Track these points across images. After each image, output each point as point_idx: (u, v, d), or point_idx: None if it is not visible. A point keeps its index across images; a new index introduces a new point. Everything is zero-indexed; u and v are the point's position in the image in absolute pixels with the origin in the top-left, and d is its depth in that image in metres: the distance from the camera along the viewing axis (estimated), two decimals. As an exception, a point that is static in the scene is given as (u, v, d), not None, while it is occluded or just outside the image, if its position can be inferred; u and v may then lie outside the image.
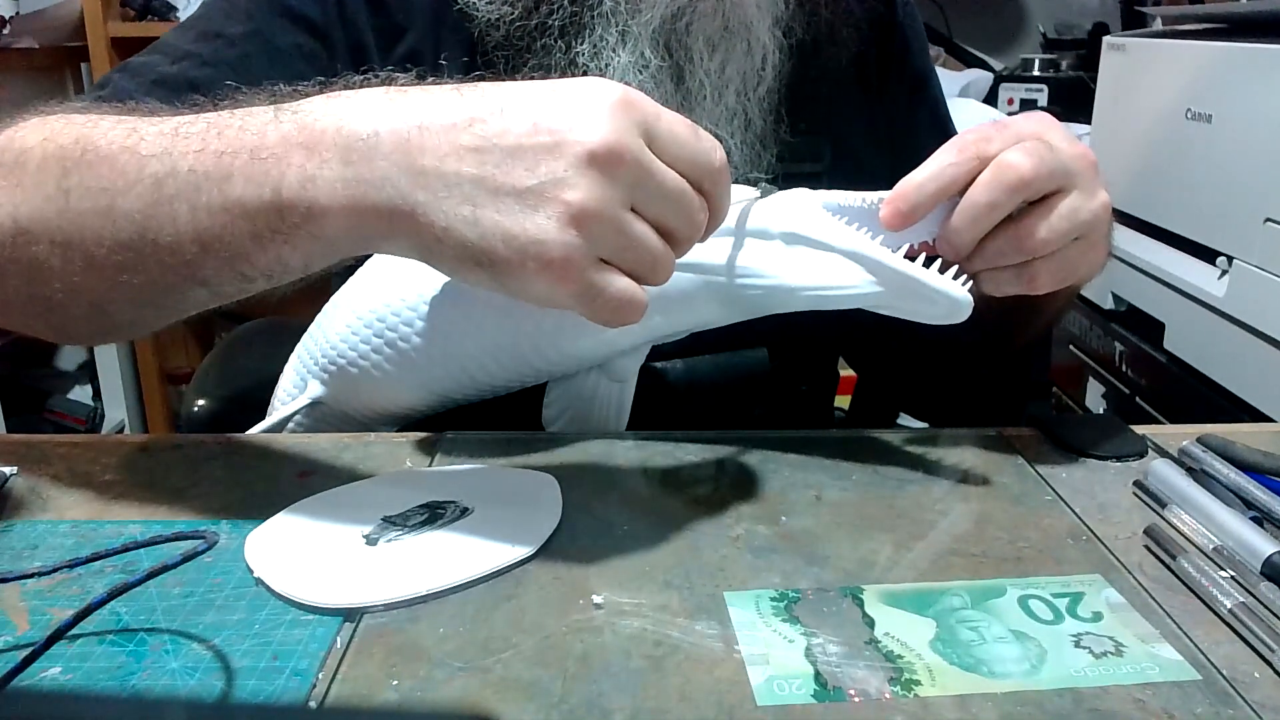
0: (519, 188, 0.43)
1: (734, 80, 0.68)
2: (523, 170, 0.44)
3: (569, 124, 0.44)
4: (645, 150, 0.44)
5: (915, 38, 0.81)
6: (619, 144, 0.43)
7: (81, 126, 0.52)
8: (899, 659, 0.42)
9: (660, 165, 0.45)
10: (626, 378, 0.63)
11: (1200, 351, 1.11)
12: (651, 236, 0.45)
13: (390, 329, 0.60)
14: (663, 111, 0.46)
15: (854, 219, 0.54)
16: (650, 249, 0.45)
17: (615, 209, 0.44)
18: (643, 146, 0.44)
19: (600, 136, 0.43)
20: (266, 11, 0.68)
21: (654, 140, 0.45)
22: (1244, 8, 1.27)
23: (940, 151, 0.53)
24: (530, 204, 0.43)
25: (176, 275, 0.50)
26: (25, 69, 1.89)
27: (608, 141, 0.43)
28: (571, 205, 0.43)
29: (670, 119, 0.46)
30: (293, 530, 0.50)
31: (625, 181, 0.44)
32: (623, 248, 0.44)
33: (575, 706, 0.39)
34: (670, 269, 0.47)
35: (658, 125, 0.45)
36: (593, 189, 0.43)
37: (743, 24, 0.67)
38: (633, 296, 0.45)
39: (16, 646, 0.42)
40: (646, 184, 0.44)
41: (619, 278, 0.45)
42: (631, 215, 0.44)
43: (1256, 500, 0.53)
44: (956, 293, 0.51)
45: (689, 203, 0.46)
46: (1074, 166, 0.54)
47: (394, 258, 0.61)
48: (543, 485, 0.55)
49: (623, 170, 0.43)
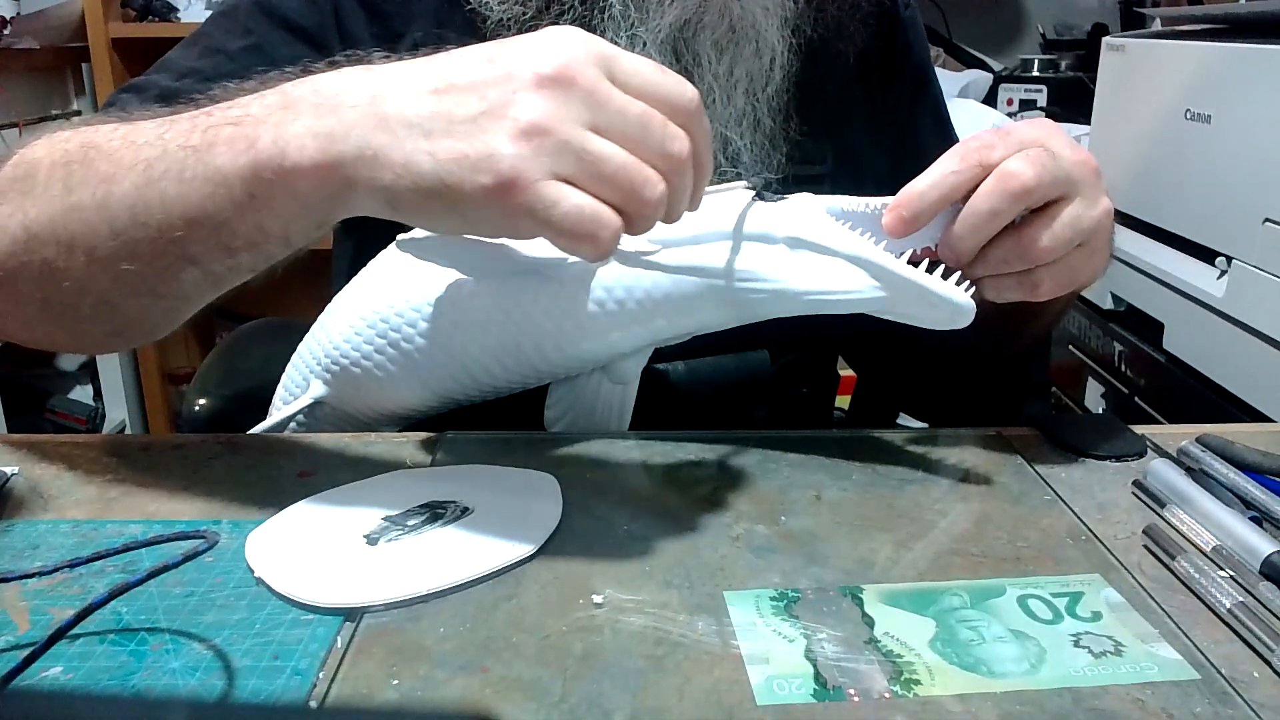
0: (471, 114, 0.44)
1: (742, 82, 0.68)
2: (475, 99, 0.44)
3: (522, 55, 0.44)
4: (602, 78, 0.43)
5: (917, 37, 0.81)
6: (569, 66, 0.43)
7: (85, 133, 0.54)
8: (899, 658, 0.42)
9: (620, 93, 0.44)
10: (629, 380, 0.63)
11: (1199, 351, 1.11)
12: (620, 154, 0.43)
13: (393, 329, 0.61)
14: (624, 52, 0.45)
15: (857, 224, 0.54)
16: (620, 167, 0.43)
17: (568, 126, 0.43)
18: (599, 74, 0.43)
19: (551, 61, 0.43)
20: (265, 25, 0.69)
21: (615, 75, 0.44)
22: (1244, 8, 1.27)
23: (943, 159, 0.53)
24: (481, 125, 0.43)
25: (168, 256, 0.51)
26: (26, 69, 1.89)
27: (558, 64, 0.43)
28: (520, 120, 0.43)
29: (633, 57, 0.45)
30: (293, 530, 0.51)
31: (579, 102, 0.43)
32: (584, 166, 0.43)
33: (575, 706, 0.39)
34: (662, 200, 0.44)
35: (617, 61, 0.44)
36: (543, 105, 0.43)
37: (750, 26, 0.67)
38: (596, 212, 0.43)
39: (17, 646, 0.42)
40: (605, 106, 0.43)
41: (577, 193, 0.43)
42: (592, 135, 0.43)
43: (1255, 500, 0.53)
44: (959, 298, 0.52)
45: (658, 129, 0.44)
46: (1076, 174, 0.54)
47: (397, 259, 0.61)
48: (543, 485, 0.55)
49: (576, 90, 0.43)
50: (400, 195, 0.45)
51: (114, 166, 0.51)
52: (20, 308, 0.56)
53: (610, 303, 0.57)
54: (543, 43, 0.44)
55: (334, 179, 0.46)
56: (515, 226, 0.44)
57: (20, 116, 1.83)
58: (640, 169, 0.44)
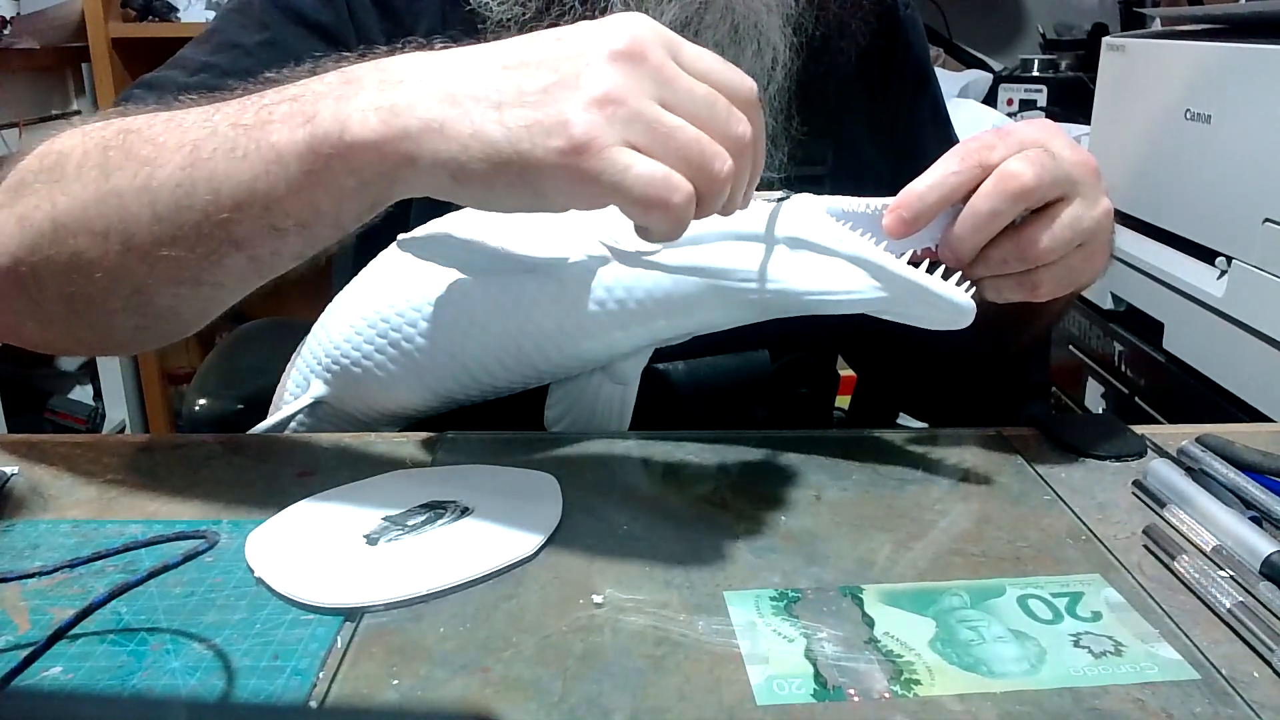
0: (543, 86, 0.44)
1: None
2: (546, 73, 0.44)
3: (592, 33, 0.45)
4: (669, 59, 0.44)
5: (917, 38, 0.81)
6: (639, 42, 0.43)
7: (122, 120, 0.53)
8: (899, 658, 0.42)
9: (687, 75, 0.44)
10: (629, 380, 0.63)
11: (1199, 351, 1.11)
12: (689, 128, 0.43)
13: (394, 329, 0.61)
14: (687, 41, 0.46)
15: (858, 224, 0.54)
16: (693, 140, 0.43)
17: (640, 98, 0.43)
18: (666, 55, 0.44)
19: (621, 38, 0.44)
20: (281, 20, 0.68)
21: (680, 58, 0.45)
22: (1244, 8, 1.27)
23: (943, 160, 0.53)
24: (553, 95, 0.43)
25: (213, 240, 0.50)
26: (26, 69, 1.89)
27: (628, 40, 0.43)
28: (593, 89, 0.43)
29: (697, 46, 0.46)
30: (293, 530, 0.51)
31: (649, 77, 0.43)
32: (656, 136, 0.43)
33: (575, 706, 0.39)
34: (731, 177, 0.44)
35: (682, 46, 0.45)
36: (615, 77, 0.43)
37: (753, 26, 0.67)
38: (668, 178, 0.43)
39: (17, 646, 0.42)
40: (674, 84, 0.44)
41: (649, 160, 0.43)
42: (663, 109, 0.43)
43: (1255, 500, 0.53)
44: (959, 298, 0.52)
45: (724, 110, 0.45)
46: (1076, 174, 0.54)
47: (398, 259, 0.61)
48: (543, 485, 0.55)
49: (646, 66, 0.43)
50: (467, 167, 0.44)
51: (156, 150, 0.50)
52: (41, 306, 0.55)
53: (611, 302, 0.57)
54: (612, 23, 0.45)
55: (396, 154, 0.45)
56: (586, 194, 0.44)
57: (20, 116, 1.83)
58: (711, 144, 0.44)
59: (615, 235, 0.57)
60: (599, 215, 0.59)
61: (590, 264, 0.57)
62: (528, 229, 0.58)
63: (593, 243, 0.57)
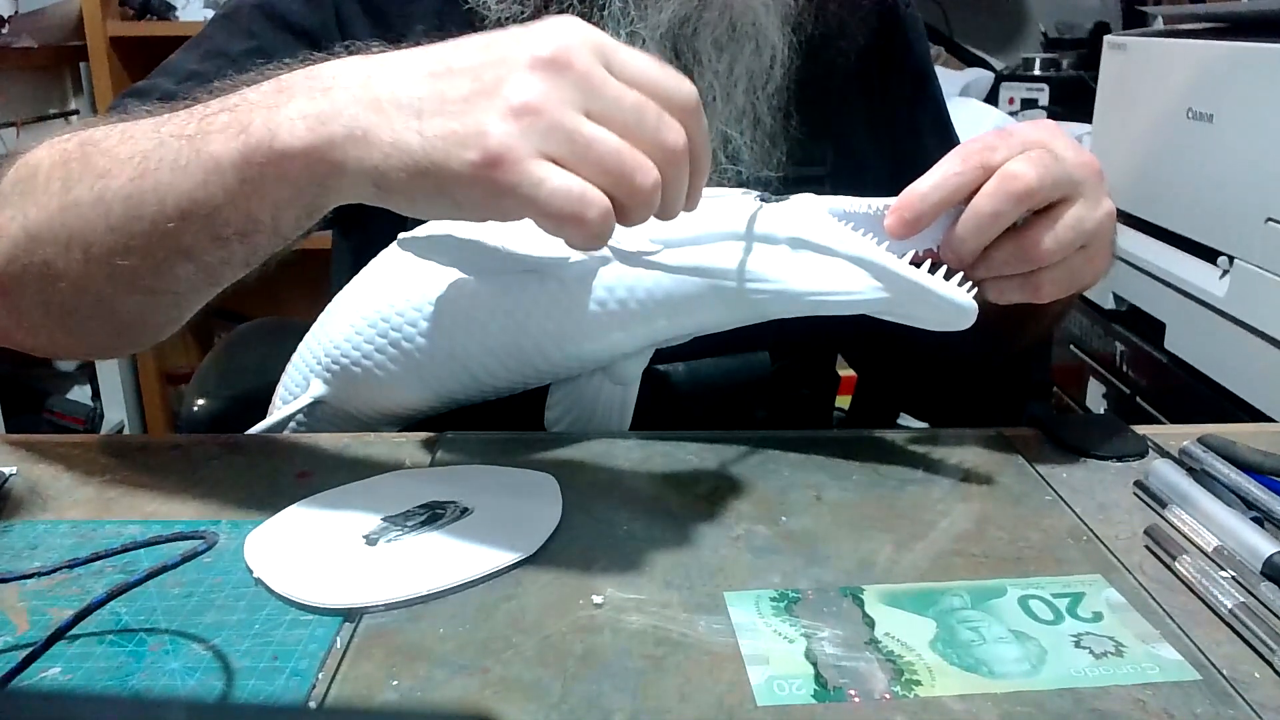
0: (464, 94, 0.43)
1: (742, 80, 0.68)
2: (469, 81, 0.43)
3: (519, 39, 0.44)
4: (598, 65, 0.43)
5: (917, 38, 0.81)
6: (566, 50, 0.42)
7: (84, 132, 0.55)
8: (899, 659, 0.42)
9: (616, 81, 0.43)
10: (630, 380, 0.63)
11: (1201, 351, 1.11)
12: (612, 139, 0.42)
13: (394, 329, 0.60)
14: (623, 45, 0.44)
15: (859, 225, 0.54)
16: (612, 152, 0.42)
17: (561, 107, 0.42)
18: (595, 61, 0.43)
19: (547, 45, 0.43)
20: (267, 28, 0.68)
21: (612, 65, 0.43)
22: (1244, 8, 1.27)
23: (945, 160, 0.53)
24: (473, 104, 0.43)
25: (162, 249, 0.50)
26: (25, 68, 1.89)
27: (555, 47, 0.42)
28: (511, 99, 0.42)
29: (631, 50, 0.44)
30: (293, 530, 0.50)
31: (574, 85, 0.42)
32: (575, 147, 0.42)
33: (575, 706, 0.39)
34: (655, 189, 0.43)
35: (615, 51, 0.44)
36: (536, 86, 0.42)
37: (751, 24, 0.67)
38: (583, 193, 0.41)
39: (16, 646, 0.42)
40: (600, 92, 0.43)
41: (565, 173, 0.42)
42: (584, 118, 0.42)
43: (1257, 500, 0.53)
44: (961, 299, 0.52)
45: (653, 117, 0.43)
46: (1078, 175, 0.54)
47: (398, 258, 0.61)
48: (543, 485, 0.55)
49: (571, 74, 0.42)
50: (389, 176, 0.44)
51: (110, 161, 0.51)
52: (25, 314, 0.56)
53: (612, 303, 0.57)
54: (541, 29, 0.44)
55: (324, 162, 0.45)
56: (501, 206, 0.43)
57: (18, 116, 1.83)
58: (633, 155, 0.42)
59: (617, 235, 0.57)
60: None
61: (591, 264, 0.57)
62: (529, 228, 0.58)
63: None
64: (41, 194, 0.53)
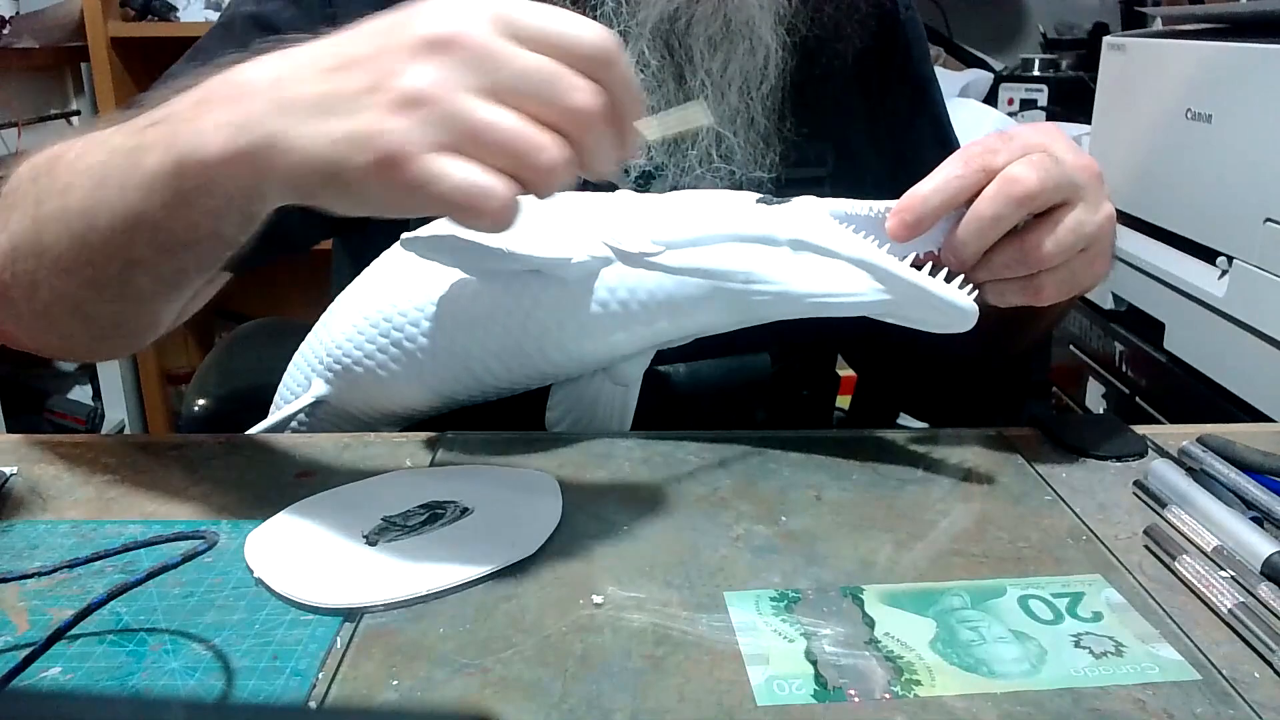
0: (357, 89, 0.42)
1: (736, 79, 0.68)
2: (363, 73, 0.42)
3: (410, 20, 0.42)
4: (494, 36, 0.41)
5: (917, 41, 0.81)
6: (454, 27, 0.41)
7: (58, 146, 0.55)
8: (899, 659, 0.42)
9: (515, 49, 0.41)
10: (630, 381, 0.63)
11: (1200, 351, 1.11)
12: (506, 120, 0.41)
13: (396, 329, 0.61)
14: (531, 4, 0.42)
15: (860, 227, 0.54)
16: (509, 134, 0.40)
17: (450, 92, 0.40)
18: (491, 33, 0.41)
19: (436, 24, 0.41)
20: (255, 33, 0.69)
21: (517, 30, 0.42)
22: (1244, 8, 1.27)
23: (946, 163, 0.53)
24: (364, 101, 0.42)
25: (118, 260, 0.51)
26: (25, 69, 1.89)
27: (443, 27, 0.41)
28: (397, 91, 0.41)
29: (540, 8, 0.42)
30: (293, 530, 0.50)
31: (467, 65, 0.41)
32: (470, 135, 0.40)
33: (575, 706, 0.39)
34: (561, 164, 0.41)
35: (518, 15, 0.41)
36: (425, 73, 0.41)
37: (745, 23, 0.67)
38: (483, 186, 0.40)
39: (16, 646, 0.42)
40: (497, 66, 0.41)
41: (465, 165, 0.41)
42: (480, 101, 0.41)
43: (1256, 500, 0.53)
44: (962, 302, 0.52)
45: (559, 84, 0.41)
46: (1079, 179, 0.54)
47: (401, 258, 0.61)
48: (543, 485, 0.55)
49: (461, 54, 0.41)
50: (304, 181, 0.44)
51: (71, 175, 0.52)
52: (20, 318, 0.58)
53: (613, 303, 0.57)
54: (434, 5, 0.42)
55: (246, 170, 0.45)
56: (410, 204, 0.42)
57: (19, 116, 1.83)
58: (530, 136, 0.41)
59: (619, 236, 0.57)
60: (601, 216, 0.59)
61: (593, 264, 0.57)
62: (531, 229, 0.58)
63: (596, 243, 0.57)
64: (19, 208, 0.54)
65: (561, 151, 0.42)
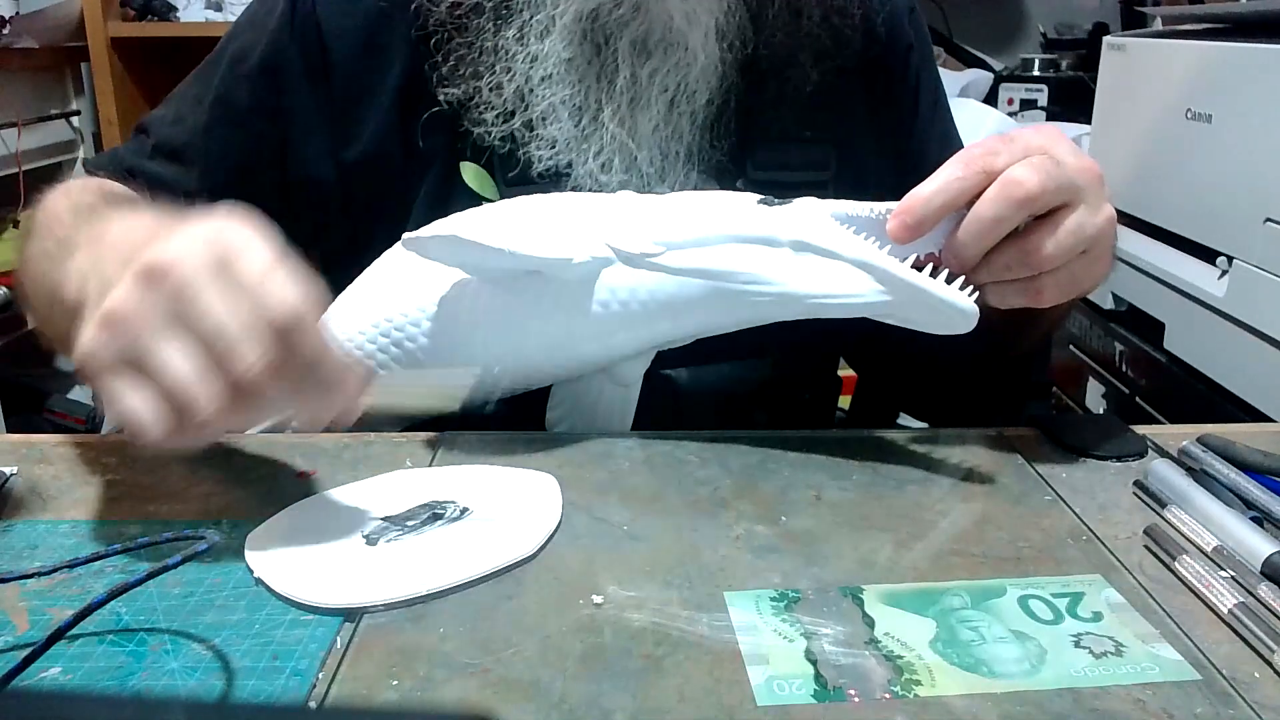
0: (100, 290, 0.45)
1: (668, 90, 0.67)
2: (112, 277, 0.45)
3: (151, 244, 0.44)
4: (203, 275, 0.42)
5: (920, 40, 0.81)
6: (169, 260, 0.43)
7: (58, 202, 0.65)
8: (899, 659, 0.42)
9: (214, 294, 0.42)
10: (631, 382, 0.63)
11: (1200, 351, 1.11)
12: (176, 369, 0.42)
13: (398, 329, 0.61)
14: (257, 248, 0.44)
15: (862, 228, 0.54)
16: (173, 382, 0.42)
17: (144, 320, 0.42)
18: (199, 270, 0.43)
19: (160, 252, 0.43)
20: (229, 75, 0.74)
21: (231, 274, 0.43)
22: (1244, 8, 1.27)
23: (947, 165, 0.53)
24: (92, 309, 0.45)
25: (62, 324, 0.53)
26: (25, 69, 1.88)
27: (161, 257, 0.43)
28: (103, 309, 0.43)
29: (260, 256, 0.43)
30: (293, 530, 0.50)
31: (166, 296, 0.42)
32: (146, 367, 0.42)
33: (575, 706, 0.39)
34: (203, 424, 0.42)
35: (238, 260, 0.43)
36: (126, 297, 0.42)
37: (674, 32, 0.66)
38: (140, 421, 0.42)
39: (16, 646, 0.42)
40: (189, 307, 0.42)
41: (133, 394, 0.43)
42: (162, 339, 0.42)
43: (1256, 500, 0.53)
44: (962, 303, 0.52)
45: (235, 343, 0.42)
46: (1080, 181, 0.54)
47: (403, 258, 0.62)
48: (543, 485, 0.55)
49: (165, 286, 0.42)
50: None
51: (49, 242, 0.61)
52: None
53: (614, 304, 0.57)
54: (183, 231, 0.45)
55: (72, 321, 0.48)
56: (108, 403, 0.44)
57: (19, 116, 1.82)
58: (187, 389, 0.42)
59: (620, 237, 0.57)
60: (603, 216, 0.59)
61: (594, 265, 0.57)
62: (532, 230, 0.58)
63: (597, 244, 0.57)
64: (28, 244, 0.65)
65: (208, 415, 0.42)
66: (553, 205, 0.62)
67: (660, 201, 0.60)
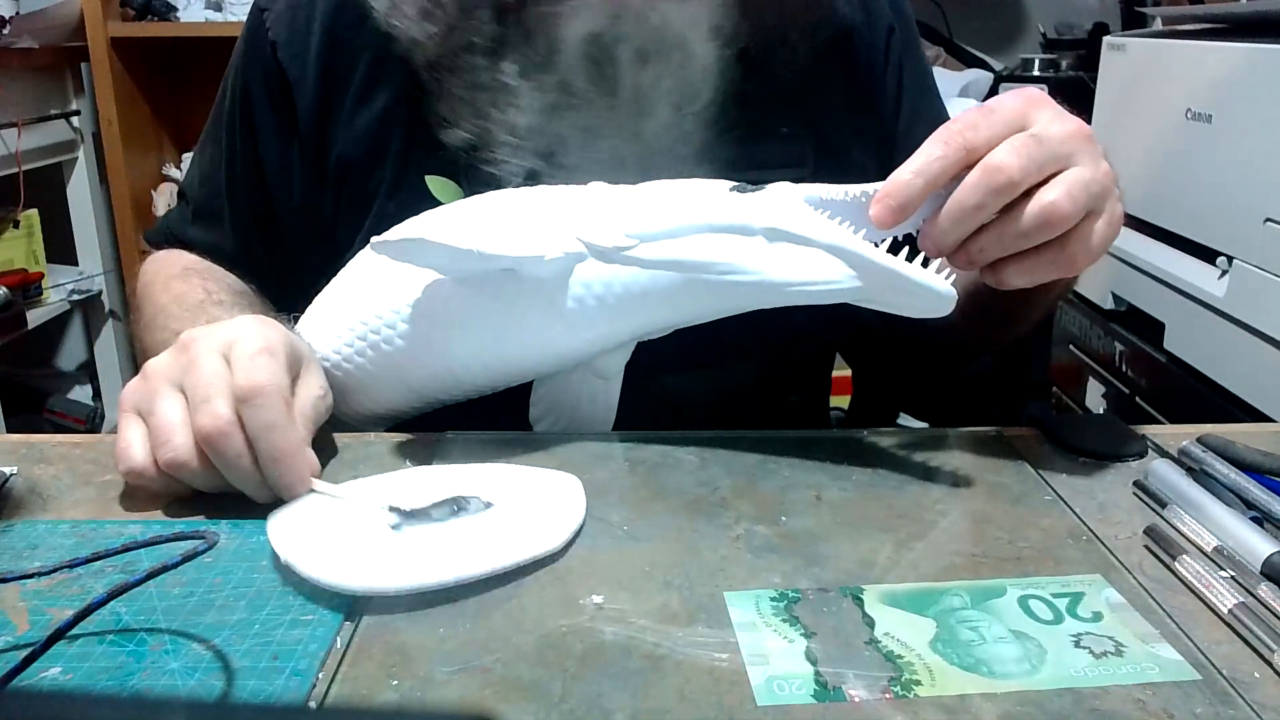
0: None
1: (669, 94, 0.67)
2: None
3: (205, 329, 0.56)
4: (208, 354, 0.53)
5: (903, 25, 0.79)
6: (191, 338, 0.54)
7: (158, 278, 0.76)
8: (899, 659, 0.42)
9: (208, 369, 0.52)
10: (612, 375, 0.62)
11: (1200, 351, 1.11)
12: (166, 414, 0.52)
13: (373, 331, 0.60)
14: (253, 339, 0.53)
15: (836, 212, 0.54)
16: (157, 424, 0.52)
17: (160, 382, 0.53)
18: (208, 349, 0.53)
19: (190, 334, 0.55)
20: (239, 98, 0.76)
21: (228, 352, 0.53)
22: (1244, 8, 1.27)
23: (927, 144, 0.53)
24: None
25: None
26: (25, 69, 1.89)
27: (188, 336, 0.54)
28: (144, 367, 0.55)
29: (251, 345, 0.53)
30: (315, 514, 0.50)
31: (179, 367, 0.53)
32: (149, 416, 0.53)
33: (575, 706, 0.39)
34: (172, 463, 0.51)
35: (235, 345, 0.53)
36: (159, 360, 0.54)
37: (674, 35, 0.65)
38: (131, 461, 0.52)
39: (16, 646, 0.42)
40: (187, 374, 0.52)
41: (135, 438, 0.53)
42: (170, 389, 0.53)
43: (1256, 500, 0.53)
44: (940, 286, 0.51)
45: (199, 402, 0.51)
46: (1065, 149, 0.53)
47: (374, 261, 0.61)
48: (566, 484, 0.54)
49: (183, 357, 0.53)
50: None
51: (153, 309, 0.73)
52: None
53: (589, 298, 0.57)
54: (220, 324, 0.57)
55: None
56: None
57: (19, 116, 1.83)
58: (165, 430, 0.51)
59: (591, 231, 0.56)
60: (573, 210, 0.58)
61: (567, 261, 0.56)
62: (502, 227, 0.58)
63: (570, 239, 0.56)
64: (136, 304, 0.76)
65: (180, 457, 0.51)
66: (522, 200, 0.61)
67: (632, 191, 0.59)
